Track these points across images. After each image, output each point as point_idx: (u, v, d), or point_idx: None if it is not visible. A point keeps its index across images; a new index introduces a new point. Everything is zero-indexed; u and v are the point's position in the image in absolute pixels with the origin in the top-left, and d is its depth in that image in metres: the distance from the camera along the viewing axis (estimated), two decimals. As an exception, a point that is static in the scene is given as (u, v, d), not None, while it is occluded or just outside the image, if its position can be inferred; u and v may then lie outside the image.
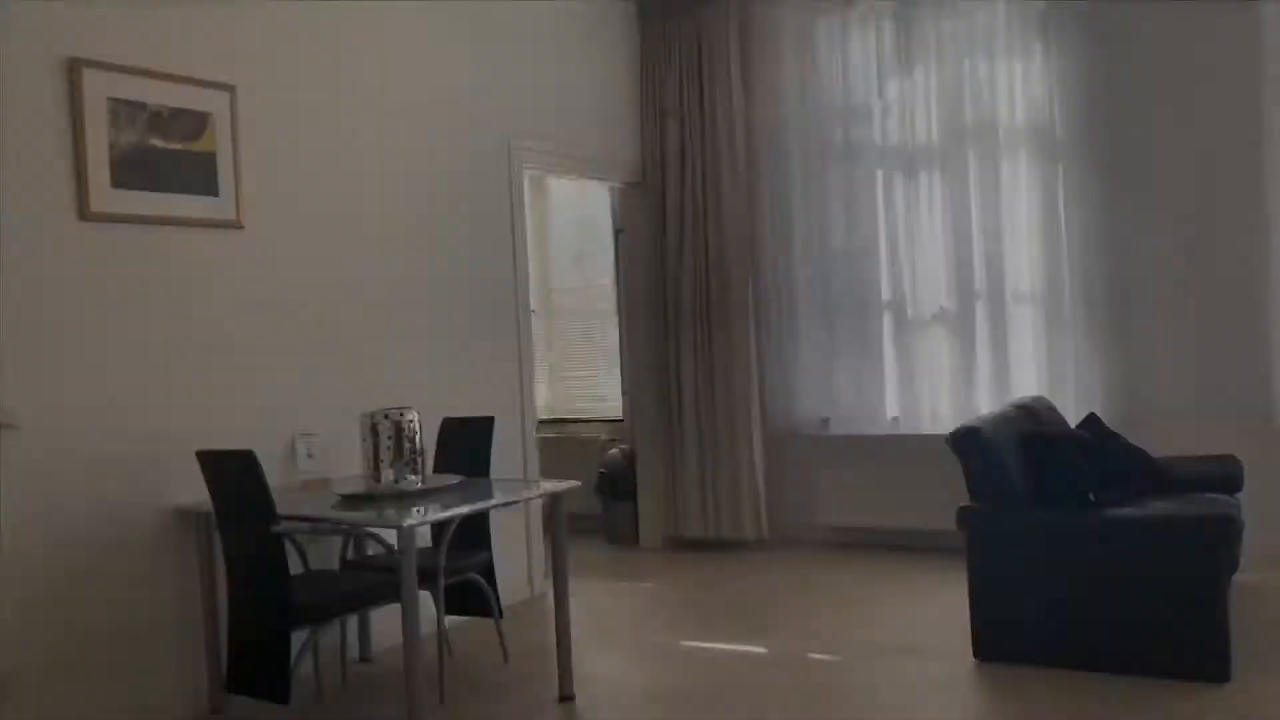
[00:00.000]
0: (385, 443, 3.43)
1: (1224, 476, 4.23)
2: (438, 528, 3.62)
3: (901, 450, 5.46)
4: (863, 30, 5.61)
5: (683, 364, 5.82)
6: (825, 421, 5.78)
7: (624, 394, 6.60)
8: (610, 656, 3.95)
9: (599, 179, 5.76)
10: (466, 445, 4.03)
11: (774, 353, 5.88)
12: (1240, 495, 4.40)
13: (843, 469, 5.65)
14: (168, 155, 3.55)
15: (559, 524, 3.52)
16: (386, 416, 3.43)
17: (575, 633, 4.24)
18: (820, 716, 3.19)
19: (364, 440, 3.45)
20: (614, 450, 6.30)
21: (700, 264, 5.78)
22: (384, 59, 4.39)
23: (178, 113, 3.58)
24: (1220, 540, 3.22)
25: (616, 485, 6.14)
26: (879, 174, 5.59)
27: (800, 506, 5.85)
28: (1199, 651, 3.26)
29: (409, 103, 4.49)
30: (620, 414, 6.68)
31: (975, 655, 3.63)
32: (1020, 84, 5.18)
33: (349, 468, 4.12)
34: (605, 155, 5.67)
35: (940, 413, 5.44)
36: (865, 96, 5.62)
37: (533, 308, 6.97)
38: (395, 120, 4.43)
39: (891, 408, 5.61)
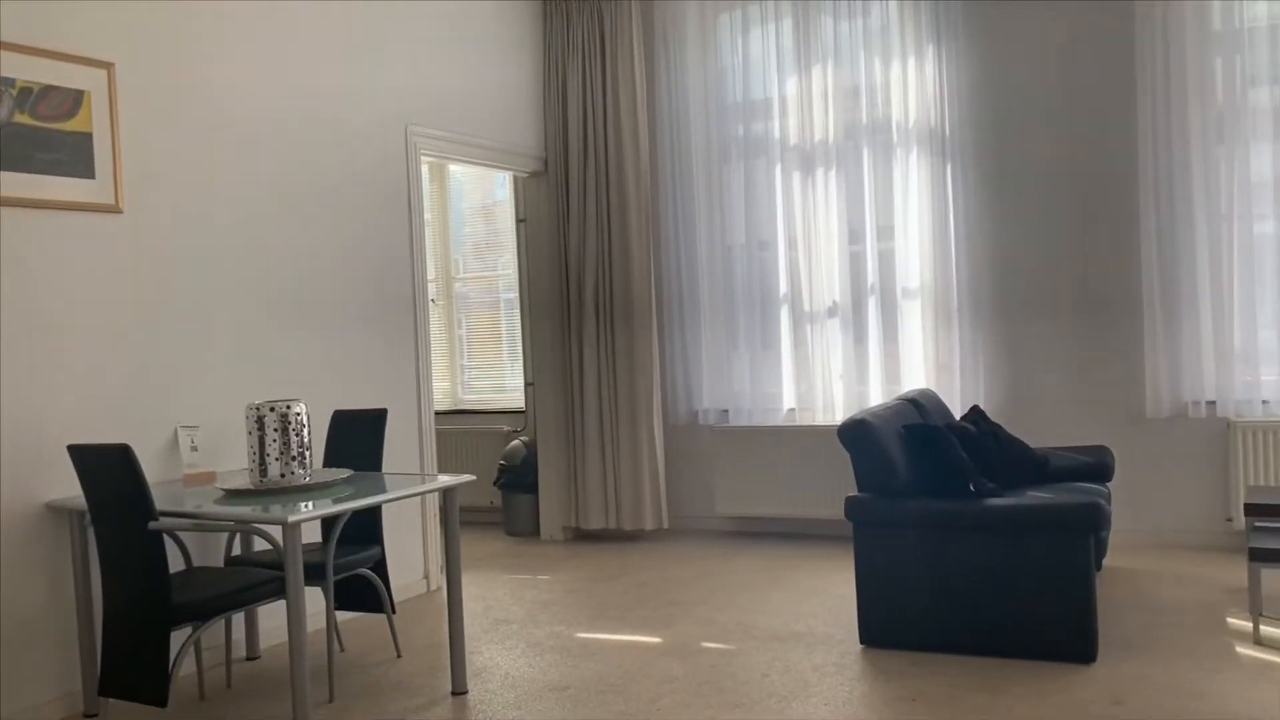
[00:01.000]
0: (272, 436, 3.34)
1: (1097, 466, 4.44)
2: (327, 523, 3.54)
3: (798, 441, 5.58)
4: (763, 27, 5.69)
5: (585, 355, 5.82)
6: (725, 413, 5.87)
7: (527, 385, 6.57)
8: (506, 649, 3.94)
9: (500, 167, 5.71)
10: (358, 438, 3.96)
11: (676, 344, 5.94)
12: (1111, 484, 4.64)
13: (742, 460, 5.74)
14: (39, 134, 3.39)
15: (451, 518, 3.48)
16: (273, 409, 3.34)
17: (472, 626, 4.24)
18: (711, 704, 3.24)
19: (249, 433, 3.36)
20: (516, 442, 6.27)
21: (603, 255, 5.79)
22: (275, 39, 4.26)
23: (50, 90, 3.42)
24: (1088, 528, 3.37)
25: (518, 477, 6.11)
26: (778, 170, 5.68)
27: (700, 497, 5.94)
28: (1068, 634, 3.42)
29: (300, 84, 4.37)
30: (523, 405, 6.66)
31: (861, 641, 3.74)
32: (913, 85, 5.33)
33: (237, 461, 4.01)
34: (506, 143, 5.62)
35: (835, 404, 5.58)
36: (765, 92, 5.71)
37: (433, 297, 6.92)
38: (286, 102, 4.31)
39: (789, 399, 5.73)
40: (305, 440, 3.40)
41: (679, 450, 5.99)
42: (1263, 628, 3.64)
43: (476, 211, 7.12)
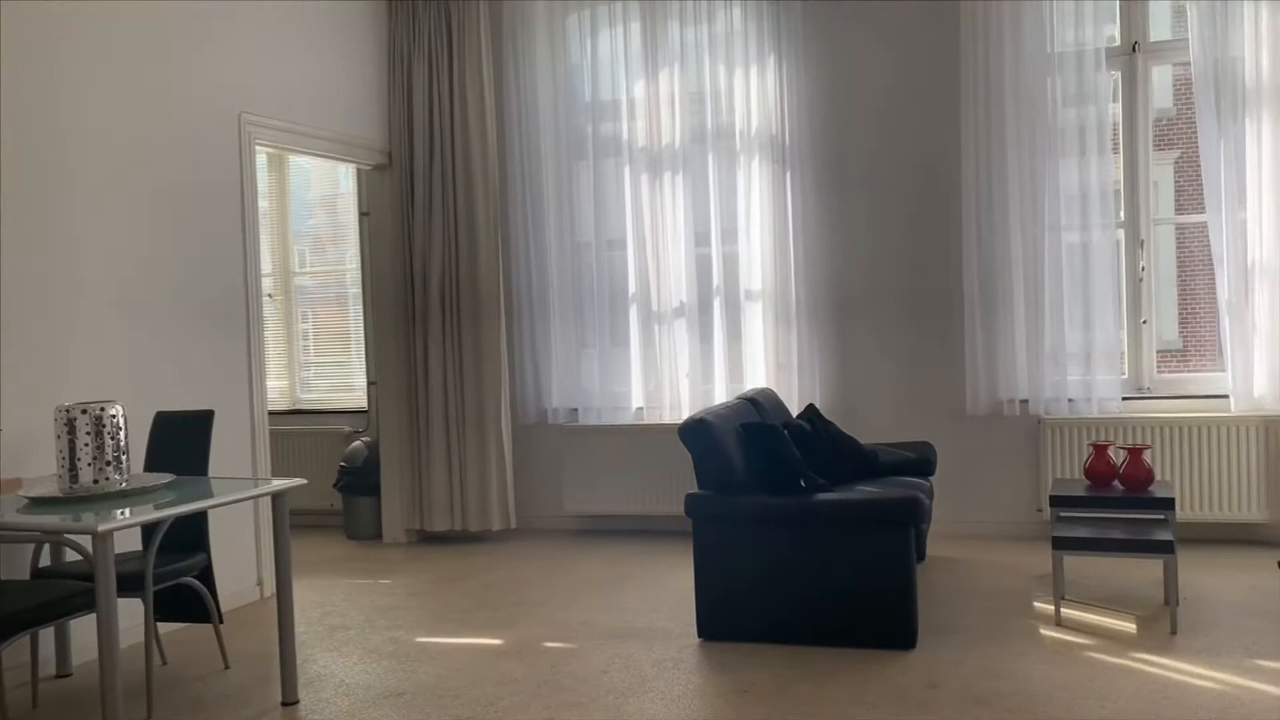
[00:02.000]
0: (84, 440, 3.14)
1: (921, 461, 4.69)
2: (147, 531, 3.36)
3: (646, 439, 5.66)
4: (611, 29, 5.74)
5: (430, 353, 5.73)
6: (575, 412, 5.89)
7: (369, 384, 6.41)
8: (341, 656, 3.84)
9: (342, 159, 5.55)
10: (182, 441, 3.77)
11: (525, 343, 5.92)
12: (934, 478, 4.91)
13: (590, 459, 5.77)
14: None
15: (281, 522, 3.36)
16: (85, 411, 3.14)
17: (306, 634, 4.11)
18: (549, 703, 3.25)
19: (58, 437, 3.15)
20: (357, 443, 6.10)
21: (449, 251, 5.71)
22: (98, 24, 4.00)
23: None
24: (908, 521, 3.56)
25: (359, 479, 5.96)
26: (627, 171, 5.74)
27: (548, 496, 5.94)
28: (891, 622, 3.60)
29: (125, 68, 4.12)
30: (365, 405, 6.49)
31: (700, 635, 3.83)
32: (755, 92, 5.48)
33: (48, 468, 3.76)
34: (348, 135, 5.47)
35: (682, 403, 5.68)
36: (615, 94, 5.76)
37: (269, 292, 6.65)
38: (106, 85, 4.05)
39: (637, 398, 5.79)
40: (122, 444, 3.22)
41: (527, 449, 5.97)
42: (1064, 611, 3.93)
43: (320, 204, 6.90)
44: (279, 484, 3.38)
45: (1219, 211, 4.85)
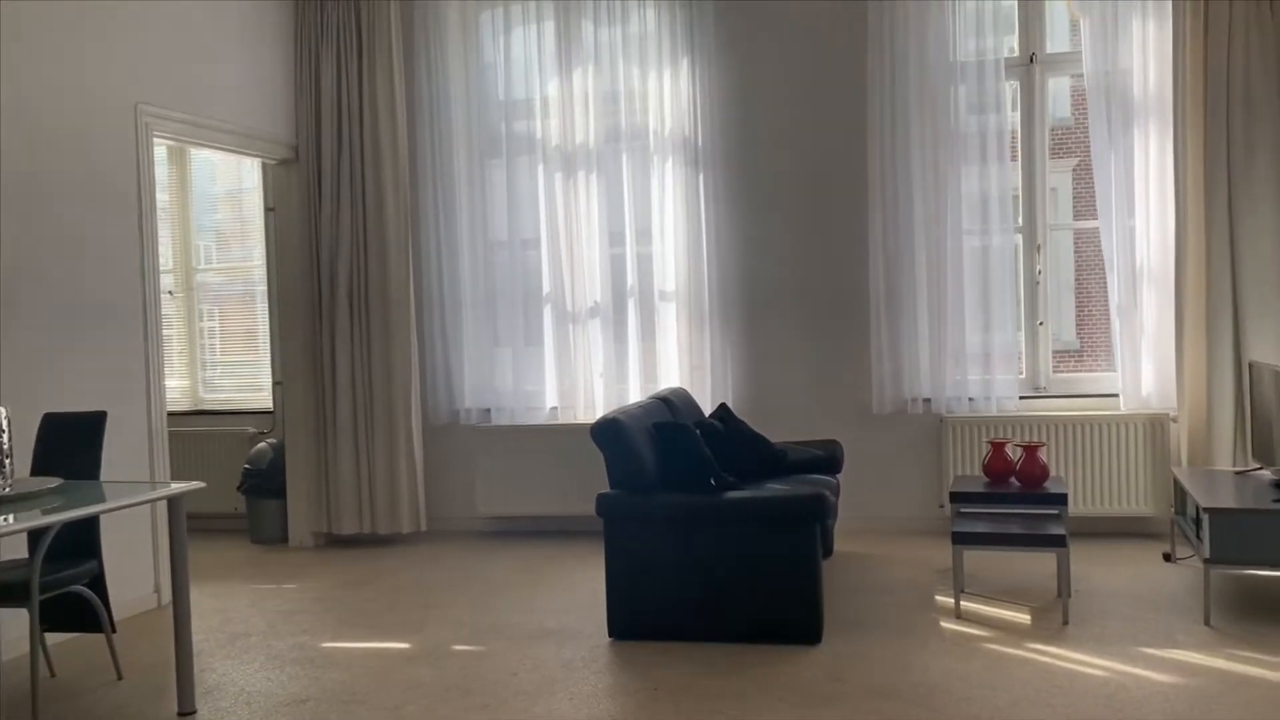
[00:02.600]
0: (-38, 443, 2.99)
1: (828, 459, 4.79)
2: (34, 538, 3.21)
3: (560, 439, 5.63)
4: (525, 28, 5.71)
5: (338, 352, 5.61)
6: (487, 412, 5.84)
7: (275, 384, 6.25)
8: (242, 664, 3.73)
9: (246, 153, 5.40)
10: (72, 444, 3.61)
11: (436, 342, 5.84)
12: (841, 475, 5.01)
13: (504, 458, 5.72)
14: None
15: (177, 527, 3.26)
16: (-37, 413, 2.99)
17: (206, 641, 3.99)
18: (457, 707, 3.22)
19: (-66, 440, 2.99)
20: (262, 444, 5.94)
21: (358, 248, 5.60)
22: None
23: None
24: (814, 518, 3.63)
25: (264, 481, 5.80)
26: (541, 169, 5.72)
27: (461, 497, 5.87)
28: (797, 617, 3.66)
29: (14, 59, 3.93)
30: (271, 405, 6.32)
31: (610, 634, 3.84)
32: (669, 94, 5.51)
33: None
34: (253, 129, 5.32)
35: (596, 403, 5.68)
36: (528, 92, 5.73)
37: (169, 289, 6.44)
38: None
39: (551, 398, 5.77)
40: (4, 447, 3.07)
41: (439, 450, 5.89)
42: (963, 603, 4.05)
43: (225, 198, 6.70)
44: (175, 487, 3.27)
45: (1109, 218, 5.05)
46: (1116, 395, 5.12)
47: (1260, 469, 4.28)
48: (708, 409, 5.35)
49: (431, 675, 3.53)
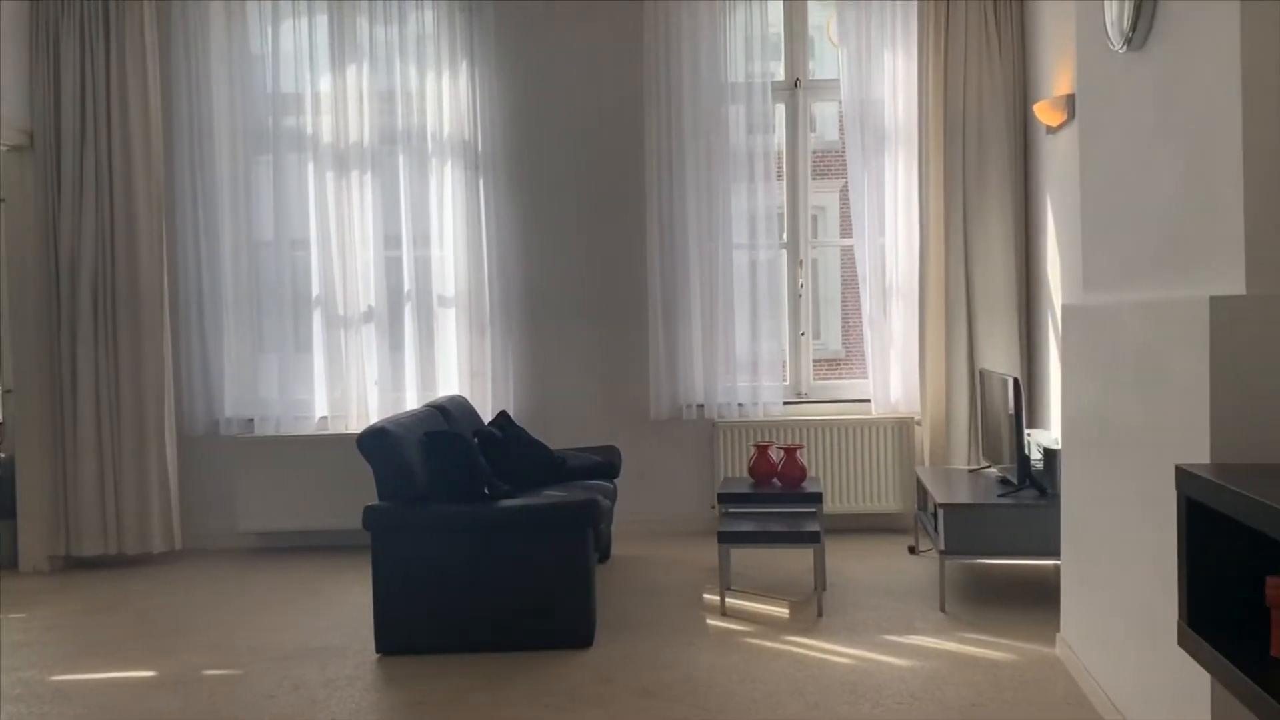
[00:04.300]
0: None
1: (606, 465, 4.86)
2: None
3: (330, 450, 5.40)
4: (295, 20, 5.46)
5: (80, 357, 5.14)
6: (250, 422, 5.52)
7: (4, 392, 5.63)
8: (-48, 706, 3.33)
9: (-31, 137, 4.85)
10: None
11: (194, 348, 5.47)
12: (619, 480, 5.10)
13: (269, 471, 5.42)
14: None
15: None
16: None
17: (-98, 683, 3.53)
18: (204, 737, 3.02)
19: None
20: (-12, 459, 5.35)
21: (104, 244, 5.16)
22: None
23: None
24: (586, 523, 3.67)
25: (-11, 500, 5.22)
26: (311, 168, 5.48)
27: (220, 513, 5.51)
28: (570, 622, 3.68)
29: None
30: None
31: (378, 650, 3.72)
32: (448, 96, 5.44)
33: None
34: (-23, 110, 4.79)
35: (370, 412, 5.49)
36: (298, 87, 5.48)
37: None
38: None
39: (321, 407, 5.54)
40: None
41: (195, 463, 5.51)
42: (729, 600, 4.21)
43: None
44: None
45: (863, 236, 5.43)
46: (869, 400, 5.50)
47: (989, 467, 4.72)
48: (488, 417, 5.30)
49: (176, 704, 3.29)
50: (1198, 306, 2.23)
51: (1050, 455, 4.12)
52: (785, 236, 5.65)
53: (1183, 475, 1.96)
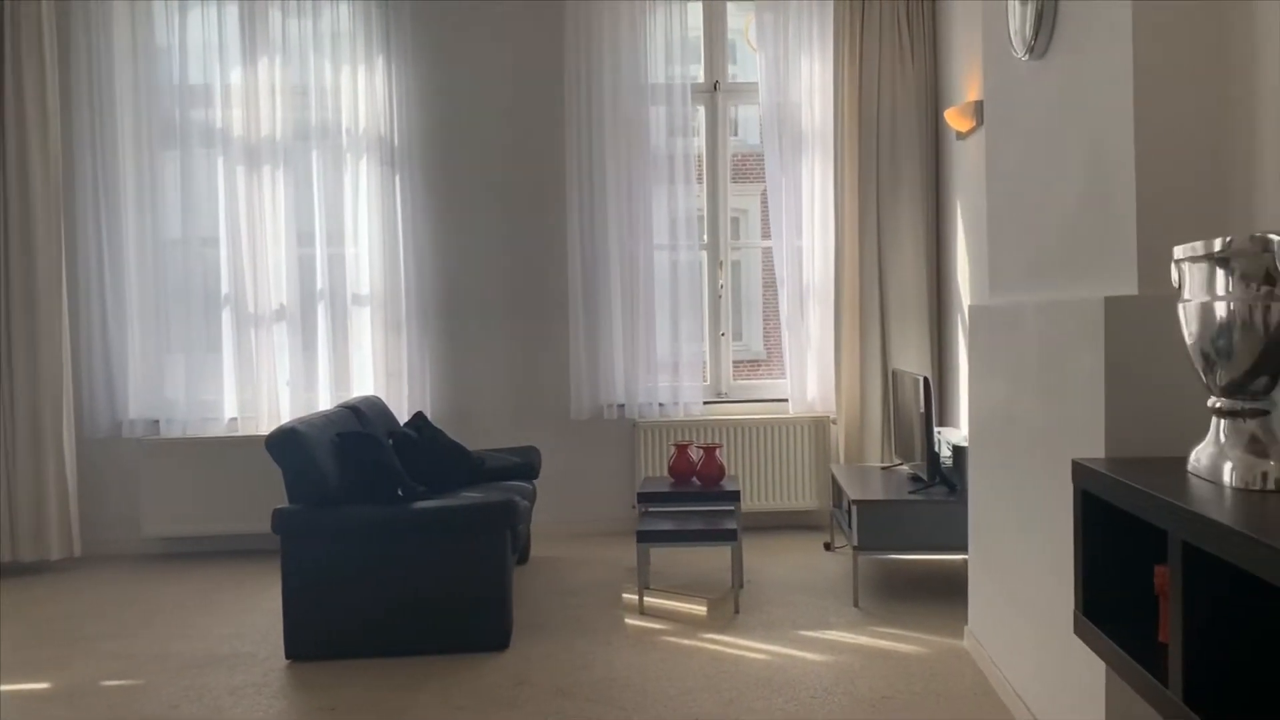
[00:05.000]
0: None
1: (525, 465, 4.82)
2: None
3: (240, 452, 5.26)
4: (204, 10, 5.30)
5: (-30, 358, 4.90)
6: (156, 424, 5.34)
7: (-113, 394, 5.34)
8: None
9: None
10: None
11: (95, 346, 5.28)
12: (539, 481, 5.07)
13: (175, 474, 5.26)
14: None
15: None
16: None
17: None
18: (101, 750, 2.90)
19: None
20: None
21: (-2, 241, 4.94)
22: None
23: None
24: (502, 525, 3.63)
25: None
26: (221, 163, 5.33)
27: (124, 518, 5.32)
28: (486, 625, 3.64)
29: None
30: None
31: (288, 656, 3.62)
32: (363, 92, 5.34)
33: None
34: None
35: (282, 413, 5.36)
36: (207, 79, 5.32)
37: None
38: None
39: (230, 408, 5.38)
40: None
41: (96, 466, 5.31)
42: (647, 600, 4.21)
43: None
44: None
45: (780, 239, 5.50)
46: (786, 400, 5.57)
47: (901, 464, 4.82)
48: (404, 418, 5.22)
49: (72, 717, 3.15)
50: (1093, 307, 2.32)
51: (959, 452, 4.23)
52: (706, 238, 5.69)
53: (1078, 469, 2.02)
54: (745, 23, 6.75)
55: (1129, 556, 1.97)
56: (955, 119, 4.71)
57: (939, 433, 4.62)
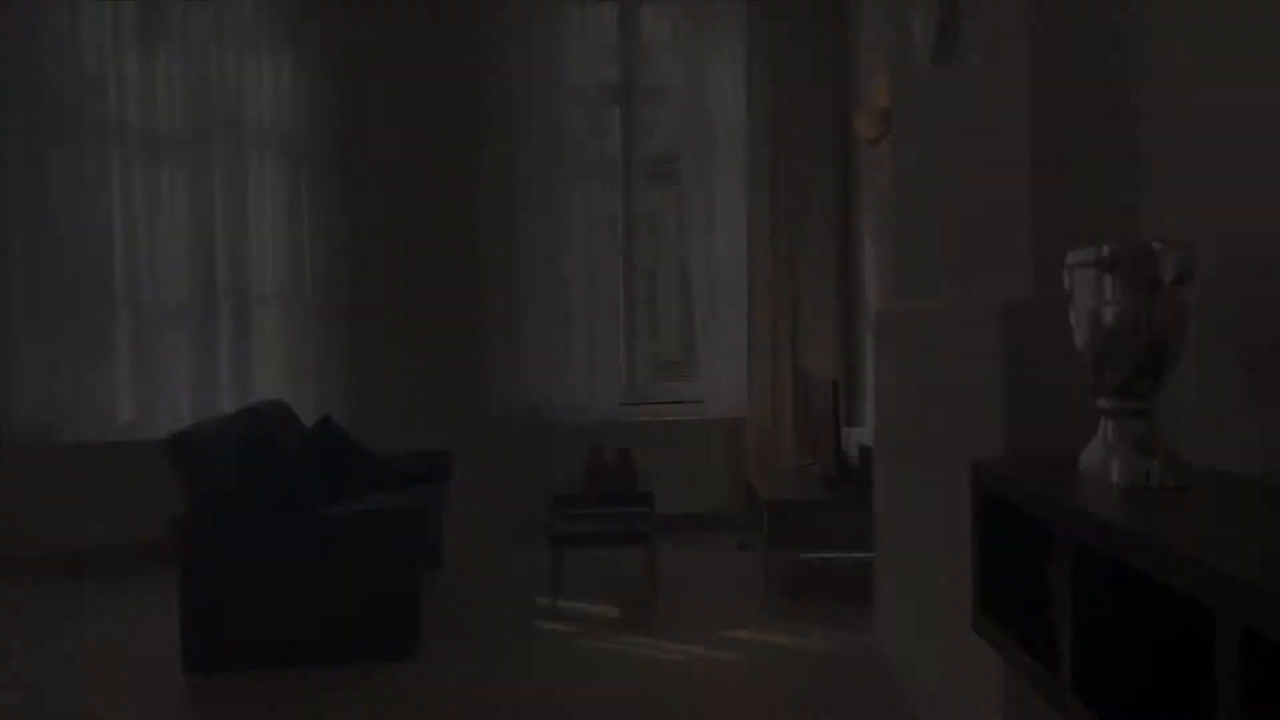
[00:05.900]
0: None
1: (437, 469, 4.74)
2: None
3: (136, 457, 5.05)
4: (98, -6, 5.08)
5: None
6: (44, 428, 5.09)
7: None
8: None
9: None
10: None
11: (-23, 348, 5.00)
12: (452, 485, 4.99)
13: (65, 481, 5.03)
14: None
15: None
16: None
17: None
18: (-21, 774, 2.75)
19: None
20: None
21: None
22: None
23: None
24: (409, 530, 3.56)
25: None
26: (115, 155, 5.11)
27: (8, 529, 5.06)
28: (395, 633, 3.57)
29: None
30: None
31: (185, 669, 3.49)
32: (269, 85, 5.19)
33: None
34: None
35: (182, 415, 5.17)
36: (100, 69, 5.10)
37: None
38: None
39: (125, 411, 5.17)
40: None
41: (-20, 474, 5.04)
42: (562, 603, 4.19)
43: None
44: None
45: (694, 242, 5.53)
46: (701, 401, 5.60)
47: (812, 465, 4.89)
48: (310, 420, 5.08)
49: (-51, 740, 2.98)
50: (990, 308, 2.38)
51: (866, 453, 4.30)
52: (621, 240, 5.68)
53: (975, 468, 2.07)
54: (658, 26, 6.76)
55: (1024, 553, 2.02)
56: (864, 125, 4.79)
57: (848, 433, 4.70)
